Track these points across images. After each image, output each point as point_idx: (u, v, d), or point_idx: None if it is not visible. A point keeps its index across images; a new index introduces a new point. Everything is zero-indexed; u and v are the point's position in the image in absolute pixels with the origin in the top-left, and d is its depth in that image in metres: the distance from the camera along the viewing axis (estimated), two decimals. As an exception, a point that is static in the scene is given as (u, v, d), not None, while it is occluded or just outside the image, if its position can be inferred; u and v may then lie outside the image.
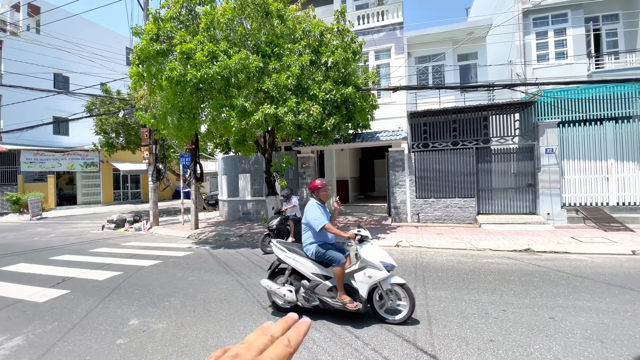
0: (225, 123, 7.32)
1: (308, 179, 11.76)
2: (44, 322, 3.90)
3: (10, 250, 8.55)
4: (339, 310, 3.64)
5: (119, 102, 16.18)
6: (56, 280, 5.60)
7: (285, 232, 7.68)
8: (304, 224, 3.90)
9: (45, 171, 20.90)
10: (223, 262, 6.48)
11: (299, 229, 7.75)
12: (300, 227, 7.79)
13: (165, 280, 5.36)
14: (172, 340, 3.34)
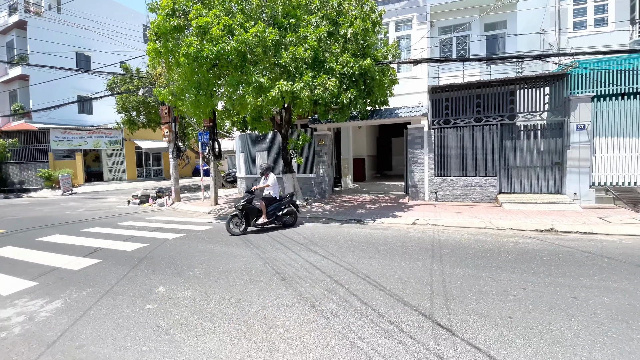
0: (241, 100, 7.29)
1: (324, 156, 11.71)
2: (79, 288, 4.20)
3: (46, 222, 9.12)
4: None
5: (137, 80, 16.38)
6: (89, 250, 5.96)
7: (254, 213, 7.18)
8: None
9: (73, 149, 21.81)
10: (242, 237, 6.67)
11: (276, 209, 7.38)
12: (277, 206, 7.51)
13: (188, 252, 5.60)
14: (197, 307, 3.52)
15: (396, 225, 7.28)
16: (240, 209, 7.04)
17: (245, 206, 7.09)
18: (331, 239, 6.20)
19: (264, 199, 7.36)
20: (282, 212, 7.46)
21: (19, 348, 2.87)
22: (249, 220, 7.14)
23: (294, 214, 7.67)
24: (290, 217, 7.59)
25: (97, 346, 2.85)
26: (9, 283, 4.45)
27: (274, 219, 7.41)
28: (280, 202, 7.57)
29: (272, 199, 7.51)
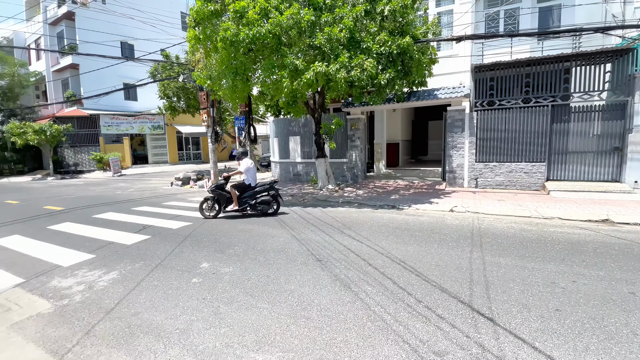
0: (277, 84, 7.33)
1: (357, 141, 11.56)
2: (132, 261, 4.58)
3: (99, 201, 9.97)
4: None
5: (177, 67, 17.01)
6: (139, 227, 6.45)
7: (223, 199, 7.09)
8: None
9: (120, 133, 23.38)
10: (278, 218, 6.85)
11: (251, 196, 7.15)
12: (251, 194, 7.24)
13: (228, 231, 5.88)
14: (238, 282, 3.71)
15: (432, 212, 7.09)
16: (212, 194, 7.11)
17: (214, 191, 7.08)
18: (364, 223, 6.19)
19: (235, 186, 7.17)
20: (256, 200, 7.20)
21: (80, 314, 3.21)
22: (221, 206, 7.13)
23: (271, 203, 7.24)
24: (267, 205, 7.19)
25: (150, 314, 3.11)
26: (70, 255, 4.95)
27: (247, 206, 7.19)
28: (254, 189, 7.27)
29: (245, 186, 7.24)
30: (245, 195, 7.19)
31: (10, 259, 4.90)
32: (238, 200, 7.13)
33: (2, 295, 3.67)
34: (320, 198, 9.09)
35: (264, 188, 7.28)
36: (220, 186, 7.19)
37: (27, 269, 4.43)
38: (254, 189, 7.31)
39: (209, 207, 7.20)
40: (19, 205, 9.95)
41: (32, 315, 3.19)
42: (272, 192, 7.31)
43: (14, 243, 5.72)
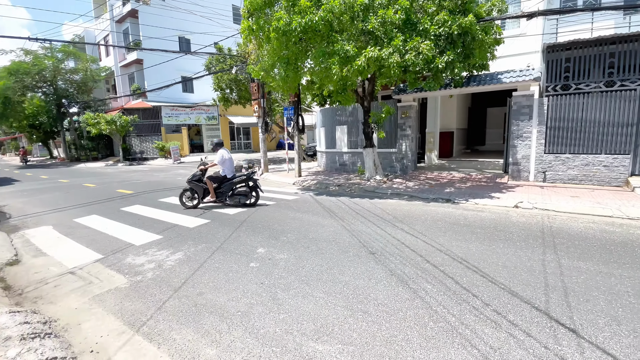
0: (327, 72, 7.19)
1: (408, 130, 11.05)
2: (195, 243, 4.88)
3: (163, 186, 10.82)
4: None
5: (230, 60, 17.65)
6: (199, 212, 6.87)
7: (200, 190, 7.09)
8: None
9: (179, 124, 25.11)
10: (327, 208, 6.85)
11: (228, 188, 7.13)
12: (229, 185, 7.17)
13: (281, 219, 6.01)
14: (293, 269, 3.76)
15: (494, 208, 6.55)
16: (189, 186, 7.12)
17: (190, 183, 7.11)
18: (417, 217, 5.92)
19: (212, 178, 7.13)
20: (233, 191, 7.19)
21: (152, 290, 3.48)
22: (200, 197, 7.17)
23: (249, 194, 7.21)
24: (245, 197, 7.17)
25: (213, 295, 3.28)
26: (140, 235, 5.41)
27: (224, 197, 7.19)
28: (231, 181, 7.21)
29: (222, 178, 7.21)
30: (223, 186, 7.18)
31: (90, 236, 5.51)
32: (215, 191, 7.15)
33: (84, 269, 4.13)
34: (368, 189, 8.90)
35: (241, 179, 7.23)
36: (197, 178, 7.15)
37: (104, 246, 4.95)
38: (231, 180, 7.26)
39: (189, 197, 7.26)
40: (95, 188, 11.20)
41: (111, 289, 3.54)
42: (250, 183, 7.29)
43: (93, 222, 6.43)
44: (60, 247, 4.97)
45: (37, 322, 2.72)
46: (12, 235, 5.74)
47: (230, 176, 7.27)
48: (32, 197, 9.76)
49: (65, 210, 7.67)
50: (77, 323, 2.88)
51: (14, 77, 22.22)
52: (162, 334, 2.66)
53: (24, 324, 2.61)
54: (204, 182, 7.11)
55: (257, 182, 7.32)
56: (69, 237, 5.45)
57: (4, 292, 3.52)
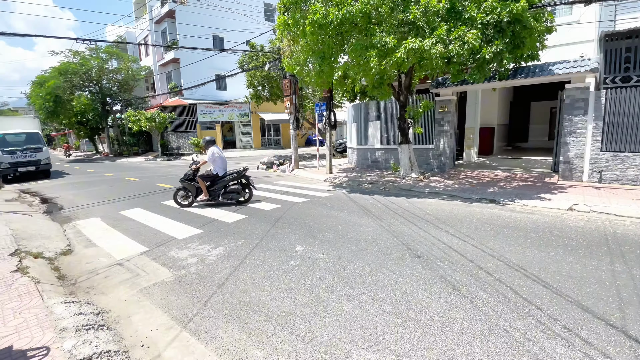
0: (365, 65, 6.96)
1: (446, 125, 10.55)
2: (234, 238, 4.90)
3: (200, 181, 11.13)
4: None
5: (262, 57, 17.80)
6: (235, 207, 6.95)
7: (193, 189, 7.05)
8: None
9: (213, 121, 25.85)
10: (362, 206, 6.66)
11: (220, 186, 7.07)
12: (221, 184, 7.09)
13: (316, 217, 5.92)
14: (334, 270, 3.64)
15: (545, 210, 6.05)
16: (181, 185, 7.09)
17: (183, 182, 7.06)
18: (462, 218, 5.58)
19: (203, 176, 7.07)
20: (225, 189, 7.15)
21: (196, 285, 3.50)
22: (193, 196, 7.11)
23: (241, 191, 7.17)
24: (238, 194, 7.14)
25: (256, 293, 3.24)
26: (182, 229, 5.54)
27: (217, 196, 7.13)
28: (223, 179, 7.15)
29: (213, 176, 7.14)
30: (216, 185, 7.14)
31: (135, 228, 5.73)
32: (208, 190, 7.11)
33: (131, 261, 4.27)
34: (404, 187, 8.59)
35: (233, 177, 7.19)
36: (189, 177, 7.12)
37: (149, 239, 5.10)
38: (222, 178, 7.21)
39: (183, 196, 7.26)
40: (137, 182, 11.74)
41: (157, 282, 3.61)
42: (243, 180, 7.25)
43: (137, 215, 6.69)
44: (108, 239, 5.19)
45: (90, 313, 2.81)
46: (64, 226, 6.10)
47: (222, 174, 7.23)
48: (81, 190, 10.41)
49: (111, 202, 8.07)
50: (127, 315, 2.94)
51: (63, 77, 23.89)
52: (209, 332, 2.64)
53: (78, 315, 2.69)
54: (196, 181, 7.09)
55: (249, 179, 7.31)
56: (115, 229, 5.70)
57: (59, 281, 3.71)
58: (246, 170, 7.34)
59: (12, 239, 4.86)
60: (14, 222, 5.96)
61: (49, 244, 4.82)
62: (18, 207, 7.68)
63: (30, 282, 3.36)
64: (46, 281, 3.51)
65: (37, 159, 13.77)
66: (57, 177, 14.27)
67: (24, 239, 4.93)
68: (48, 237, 5.15)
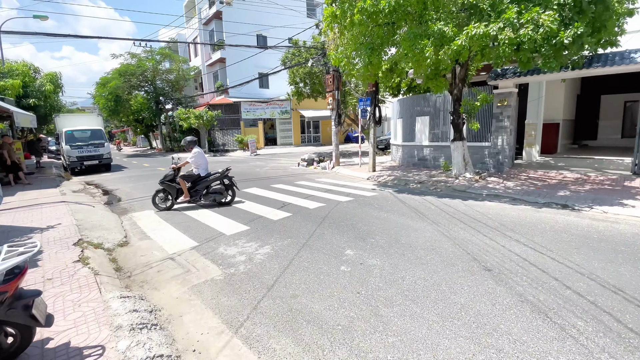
0: (419, 55, 6.44)
1: (505, 121, 9.60)
2: (281, 237, 4.76)
3: (245, 177, 11.30)
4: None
5: (305, 53, 17.71)
6: (280, 204, 6.86)
7: (173, 190, 6.74)
8: None
9: (256, 118, 26.43)
10: (413, 208, 6.21)
11: (203, 186, 6.78)
12: (203, 184, 6.71)
13: (364, 218, 5.59)
14: (391, 280, 3.31)
15: (631, 219, 5.15)
16: (161, 187, 6.83)
17: (162, 184, 6.78)
18: (532, 226, 4.92)
19: (185, 177, 6.79)
20: (207, 190, 6.90)
21: (245, 286, 3.36)
22: (173, 197, 6.79)
23: (224, 192, 6.91)
24: (220, 195, 6.89)
25: (307, 299, 3.02)
26: (229, 225, 5.52)
27: (198, 197, 6.83)
28: (205, 179, 6.88)
29: (195, 177, 6.87)
30: (198, 185, 6.89)
31: (185, 222, 5.83)
32: (190, 191, 6.87)
33: (182, 256, 4.28)
34: (458, 188, 7.93)
35: (216, 177, 6.93)
36: (170, 178, 6.81)
37: (198, 234, 5.14)
38: (205, 178, 6.94)
39: (162, 199, 6.94)
40: (187, 176, 12.23)
41: (207, 280, 3.54)
42: (226, 181, 6.99)
43: (186, 208, 6.85)
44: (161, 232, 5.32)
45: (144, 310, 2.77)
46: (122, 218, 6.41)
47: (204, 174, 6.98)
48: (138, 183, 11.07)
49: (163, 196, 8.42)
50: (179, 315, 2.88)
51: (123, 78, 25.84)
52: (261, 341, 2.47)
53: (132, 312, 2.66)
54: (177, 182, 6.83)
55: (232, 179, 7.02)
56: (167, 222, 5.85)
57: (116, 273, 3.80)
58: (229, 171, 7.06)
59: (76, 229, 5.15)
60: (79, 212, 6.39)
61: (108, 235, 5.04)
62: (82, 198, 8.29)
63: (90, 274, 3.45)
64: (104, 273, 3.60)
65: (100, 153, 14.97)
66: (117, 171, 15.42)
67: (86, 229, 5.21)
68: (107, 228, 5.40)
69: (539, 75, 8.90)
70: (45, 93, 16.64)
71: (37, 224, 5.58)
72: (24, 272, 1.96)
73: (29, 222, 5.75)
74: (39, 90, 16.53)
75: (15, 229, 5.20)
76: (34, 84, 16.68)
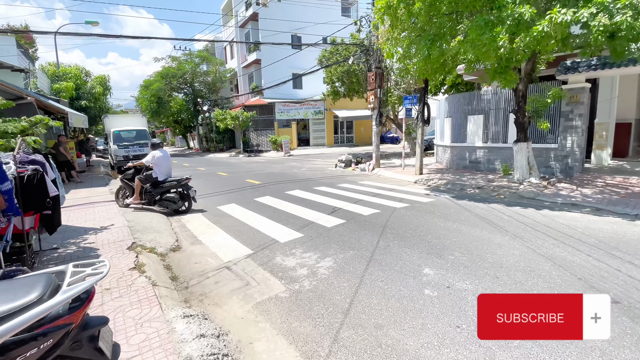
0: (490, 44, 5.70)
1: (577, 120, 8.52)
2: (341, 248, 4.30)
3: (284, 178, 11.03)
4: None
5: (344, 51, 17.24)
6: (329, 209, 6.42)
7: (130, 191, 6.73)
8: None
9: (289, 119, 26.35)
10: (483, 217, 5.51)
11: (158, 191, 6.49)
12: (159, 189, 6.34)
13: (430, 228, 5.01)
14: (493, 311, 2.73)
15: None
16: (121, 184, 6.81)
17: (122, 180, 6.73)
18: (638, 243, 4.10)
19: (143, 179, 6.51)
20: (161, 196, 6.54)
21: (316, 308, 2.92)
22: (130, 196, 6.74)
23: (178, 201, 6.52)
24: (174, 203, 6.50)
25: (396, 332, 2.52)
26: (282, 231, 5.15)
27: (151, 201, 6.62)
28: (162, 184, 6.55)
29: (153, 180, 6.55)
30: (155, 189, 6.57)
31: (235, 226, 5.55)
32: (145, 193, 6.63)
33: (238, 265, 3.95)
34: (525, 194, 7.08)
35: (172, 184, 6.59)
36: (129, 177, 6.69)
37: (251, 239, 4.82)
38: (162, 183, 6.59)
39: (124, 195, 6.98)
40: (227, 176, 12.20)
41: (271, 297, 3.16)
42: (180, 189, 6.65)
43: (234, 211, 6.62)
44: (212, 236, 5.07)
45: (211, 334, 2.42)
46: (170, 219, 6.28)
47: (161, 179, 6.60)
48: (180, 183, 11.13)
49: (208, 197, 8.29)
50: (248, 341, 2.50)
51: (164, 80, 26.80)
52: (354, 387, 2.01)
53: (200, 338, 2.31)
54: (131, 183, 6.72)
55: (190, 190, 6.62)
56: (217, 226, 5.61)
57: (173, 283, 3.52)
58: (188, 180, 6.70)
59: (128, 231, 5.03)
60: (129, 213, 6.34)
61: (159, 239, 4.85)
62: (131, 198, 8.37)
63: (148, 284, 3.19)
64: (161, 283, 3.33)
65: (144, 153, 15.40)
66: (159, 170, 15.81)
67: (138, 232, 5.07)
68: (158, 231, 5.24)
69: (618, 68, 7.81)
70: (96, 95, 17.50)
71: (91, 224, 5.55)
72: (91, 297, 1.64)
73: (83, 221, 5.74)
74: (90, 92, 17.41)
75: (71, 229, 5.17)
76: (86, 87, 17.59)
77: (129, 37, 12.56)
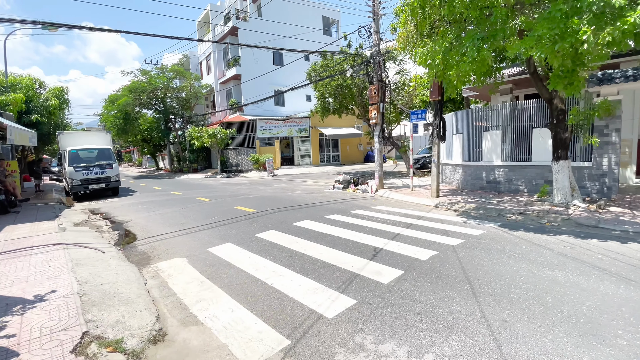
0: (570, 37, 4.59)
1: (613, 135, 7.70)
2: (433, 330, 2.71)
3: (281, 204, 9.34)
4: None
5: (338, 65, 16.23)
6: (366, 250, 4.84)
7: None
8: None
9: (272, 137, 24.80)
10: (572, 257, 4.20)
11: None
12: None
13: (525, 278, 3.57)
14: None
15: None
16: None
17: None
18: None
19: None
20: None
21: None
22: None
23: None
24: None
25: None
26: (322, 294, 3.47)
27: None
28: None
29: None
30: None
31: (243, 284, 3.84)
32: None
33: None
34: (582, 222, 5.95)
35: None
36: None
37: (276, 312, 3.14)
38: None
39: None
40: (210, 202, 10.29)
41: None
42: None
43: (232, 255, 4.88)
44: (212, 306, 3.33)
45: None
46: (144, 271, 4.44)
47: None
48: (152, 212, 9.12)
49: (192, 232, 6.46)
50: None
51: (132, 95, 24.48)
52: None
53: None
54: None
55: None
56: (215, 284, 3.86)
57: None
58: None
59: (78, 304, 3.17)
60: (82, 265, 4.41)
61: (129, 318, 3.04)
62: (86, 236, 6.34)
63: None
64: None
65: (107, 175, 13.13)
66: (125, 195, 13.52)
67: (94, 305, 3.22)
68: (127, 301, 3.41)
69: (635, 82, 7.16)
70: (50, 109, 15.04)
71: (19, 288, 3.62)
72: None
73: (8, 283, 3.79)
74: (43, 105, 14.94)
75: (-19, 303, 3.23)
76: (38, 99, 15.12)
77: (94, 29, 10.62)
